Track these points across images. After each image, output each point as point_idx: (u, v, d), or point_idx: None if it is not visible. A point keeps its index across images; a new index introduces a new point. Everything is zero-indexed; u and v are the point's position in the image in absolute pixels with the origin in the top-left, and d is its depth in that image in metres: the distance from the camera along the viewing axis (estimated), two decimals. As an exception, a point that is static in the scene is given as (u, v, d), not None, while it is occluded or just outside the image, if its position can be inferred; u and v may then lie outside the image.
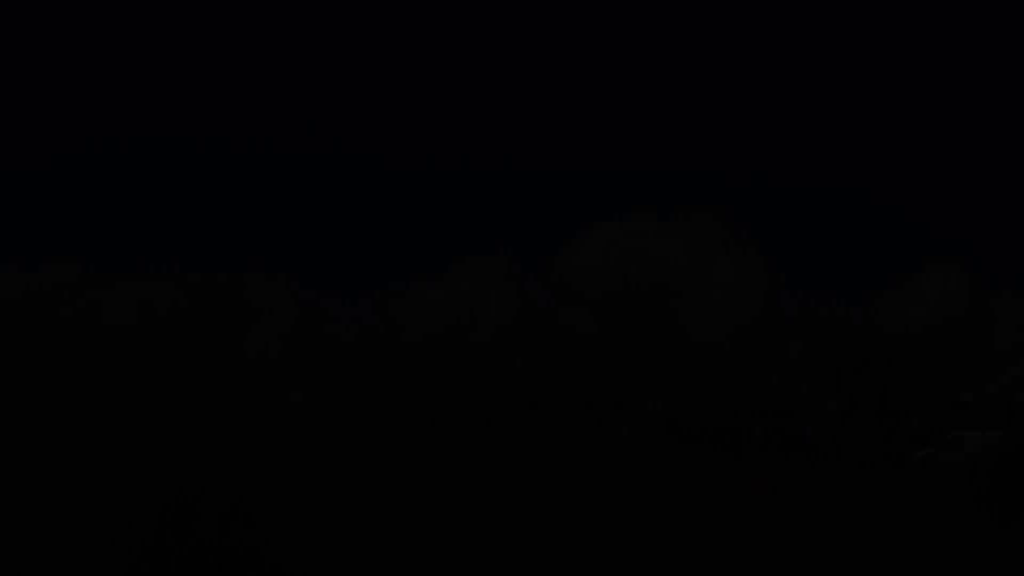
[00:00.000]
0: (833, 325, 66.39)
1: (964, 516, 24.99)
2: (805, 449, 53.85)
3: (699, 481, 41.54)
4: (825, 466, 44.54)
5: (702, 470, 50.28)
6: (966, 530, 23.79)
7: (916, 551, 23.14)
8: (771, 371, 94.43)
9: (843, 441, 57.00)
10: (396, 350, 56.93)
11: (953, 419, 55.70)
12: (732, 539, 28.43)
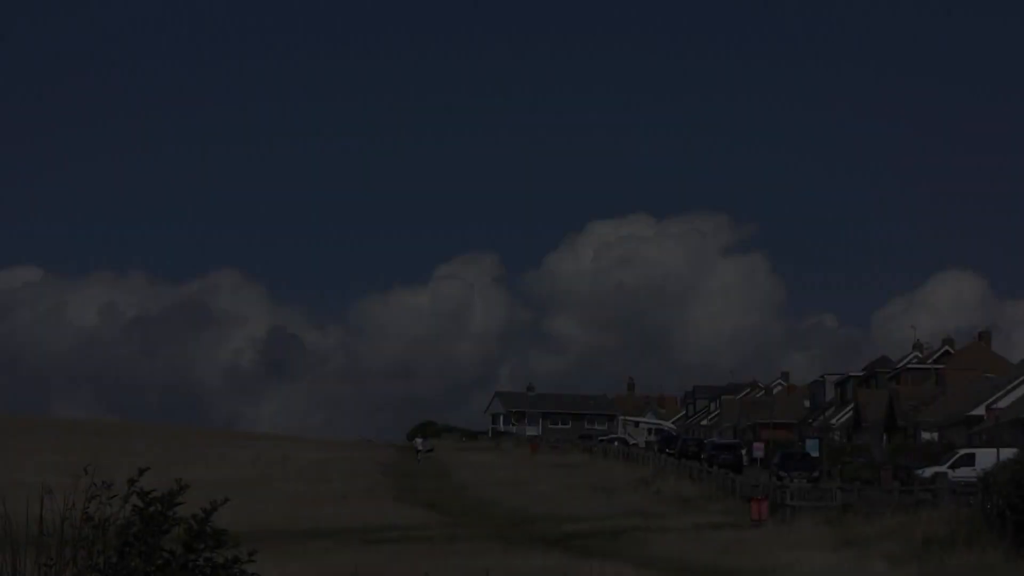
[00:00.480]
0: (840, 336, 65.44)
1: (976, 534, 24.08)
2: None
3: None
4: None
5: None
6: (978, 549, 22.91)
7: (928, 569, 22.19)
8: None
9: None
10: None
11: (965, 435, 54.53)
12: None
